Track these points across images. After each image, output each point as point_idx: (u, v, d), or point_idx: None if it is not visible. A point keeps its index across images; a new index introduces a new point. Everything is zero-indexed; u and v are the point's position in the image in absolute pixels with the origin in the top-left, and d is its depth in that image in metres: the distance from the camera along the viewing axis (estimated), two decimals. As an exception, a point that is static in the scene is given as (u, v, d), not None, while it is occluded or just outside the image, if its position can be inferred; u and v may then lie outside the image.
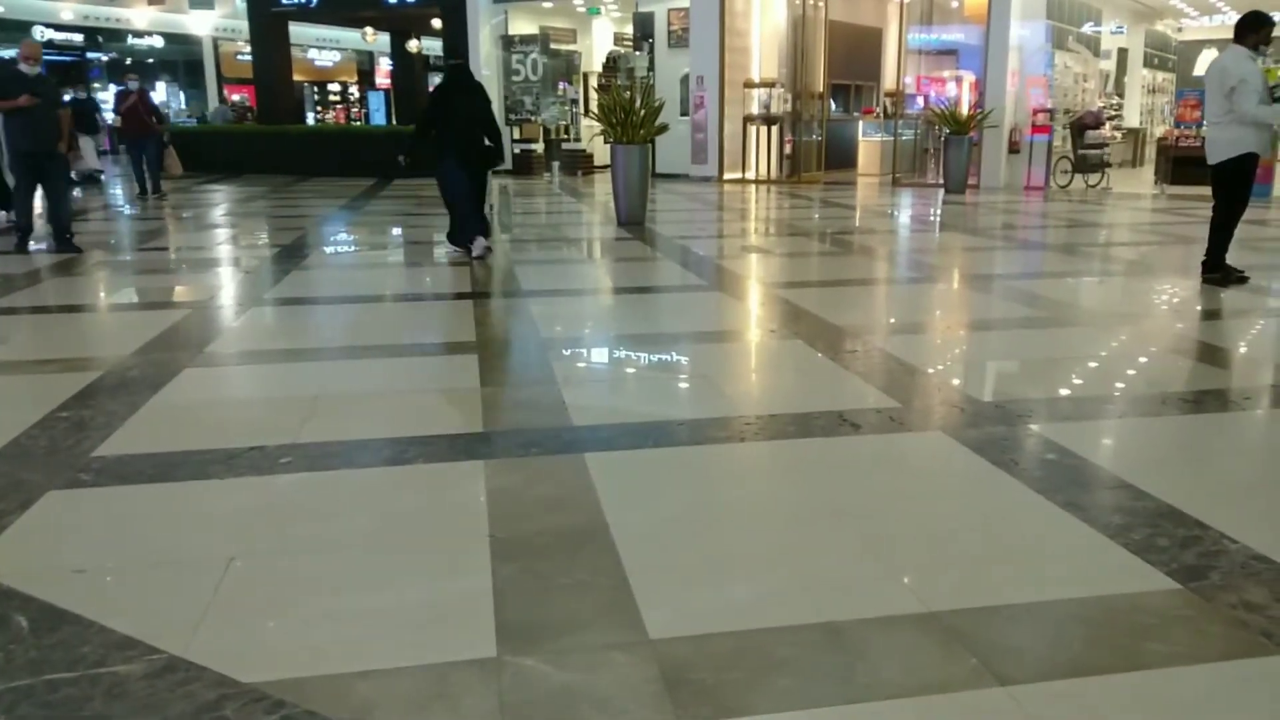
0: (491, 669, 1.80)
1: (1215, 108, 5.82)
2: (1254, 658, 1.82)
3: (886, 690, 1.73)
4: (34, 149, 7.34)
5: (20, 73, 7.40)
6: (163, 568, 2.24)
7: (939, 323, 5.26)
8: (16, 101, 7.18)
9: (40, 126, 7.33)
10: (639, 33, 16.97)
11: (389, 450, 2.99)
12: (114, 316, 5.71)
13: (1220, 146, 5.83)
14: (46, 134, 7.39)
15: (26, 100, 7.17)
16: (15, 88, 7.24)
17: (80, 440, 3.05)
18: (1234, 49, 5.78)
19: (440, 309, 5.65)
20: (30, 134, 7.32)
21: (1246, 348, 4.64)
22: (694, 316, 5.41)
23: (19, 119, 7.32)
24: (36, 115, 7.28)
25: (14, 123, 7.38)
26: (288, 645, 1.91)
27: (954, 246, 8.26)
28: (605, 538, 2.34)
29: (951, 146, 12.75)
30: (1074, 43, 15.52)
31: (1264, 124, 5.81)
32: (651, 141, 9.62)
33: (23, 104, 7.18)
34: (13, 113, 7.31)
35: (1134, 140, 17.65)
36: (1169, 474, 2.83)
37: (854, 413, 3.34)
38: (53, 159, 7.54)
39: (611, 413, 3.45)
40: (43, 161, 7.43)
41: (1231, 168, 5.81)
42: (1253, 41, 5.74)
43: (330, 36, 27.65)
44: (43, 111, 7.34)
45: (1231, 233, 6.04)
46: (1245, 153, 5.76)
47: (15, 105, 7.20)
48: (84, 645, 1.88)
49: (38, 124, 7.31)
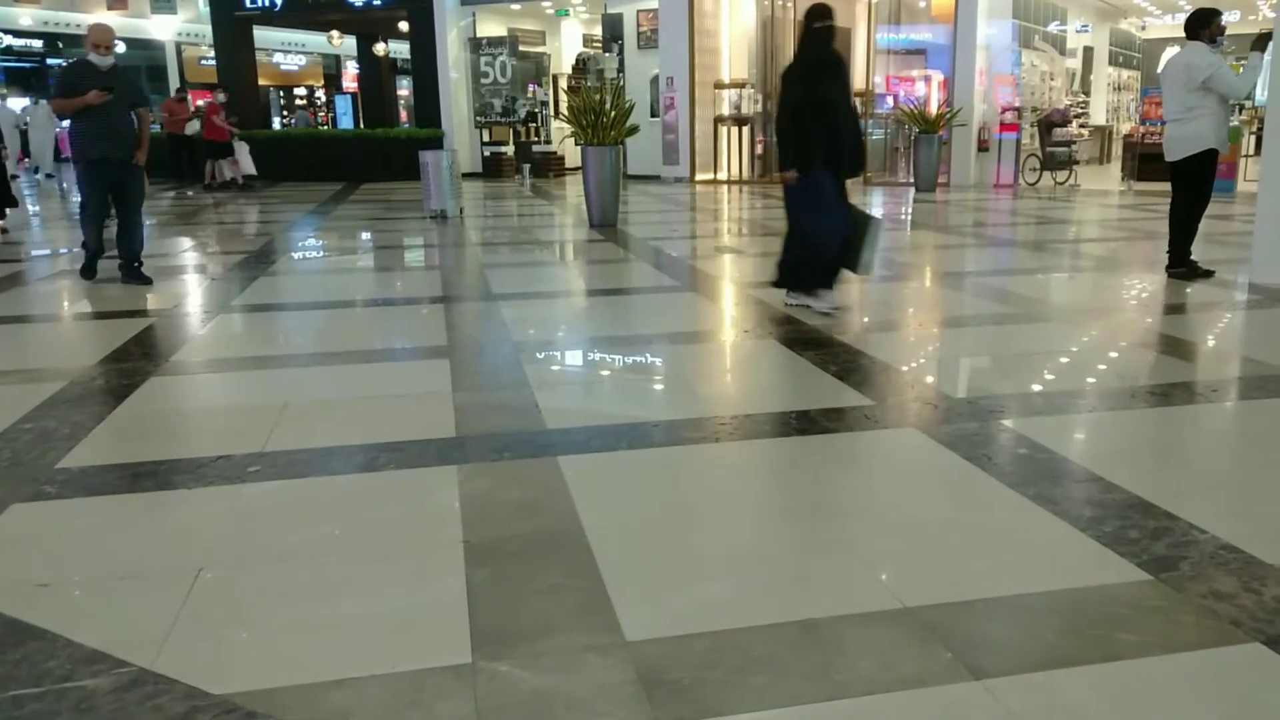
0: (466, 675, 1.78)
1: (1175, 104, 5.90)
2: (1224, 646, 1.85)
3: (863, 686, 1.73)
4: (106, 156, 5.97)
5: (91, 64, 5.96)
6: (130, 580, 2.19)
7: (912, 320, 5.29)
8: (84, 98, 5.79)
9: (114, 129, 5.97)
10: (608, 34, 16.98)
11: (360, 457, 2.95)
12: (77, 326, 5.61)
13: (1180, 144, 5.92)
14: (121, 138, 6.02)
15: (96, 96, 5.77)
16: (85, 83, 5.86)
17: (44, 452, 2.99)
18: (1192, 45, 5.88)
19: (411, 313, 5.60)
20: (102, 138, 5.93)
21: (1213, 341, 4.72)
22: (668, 318, 5.41)
23: (88, 120, 5.91)
24: (110, 116, 5.91)
25: (83, 125, 5.97)
26: (259, 655, 1.88)
27: (925, 244, 8.33)
28: (580, 540, 2.33)
29: (921, 145, 12.86)
30: (1040, 41, 15.73)
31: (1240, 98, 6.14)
32: (622, 143, 9.61)
33: (91, 100, 5.78)
34: (81, 113, 5.91)
35: (1101, 137, 17.93)
36: (1139, 466, 2.87)
37: (828, 411, 3.35)
38: (128, 170, 6.12)
39: (585, 415, 3.44)
40: (116, 172, 6.04)
41: (1193, 165, 5.91)
42: (1207, 35, 5.86)
43: (296, 40, 27.39)
44: (117, 111, 5.97)
45: (1196, 229, 6.14)
46: (1206, 149, 5.86)
47: (83, 102, 5.81)
48: (50, 660, 1.84)
49: (112, 126, 5.95)
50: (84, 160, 6.00)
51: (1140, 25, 22.20)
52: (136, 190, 6.27)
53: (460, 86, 16.94)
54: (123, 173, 6.07)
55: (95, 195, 6.16)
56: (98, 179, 6.05)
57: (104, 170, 6.00)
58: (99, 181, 6.07)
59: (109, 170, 6.01)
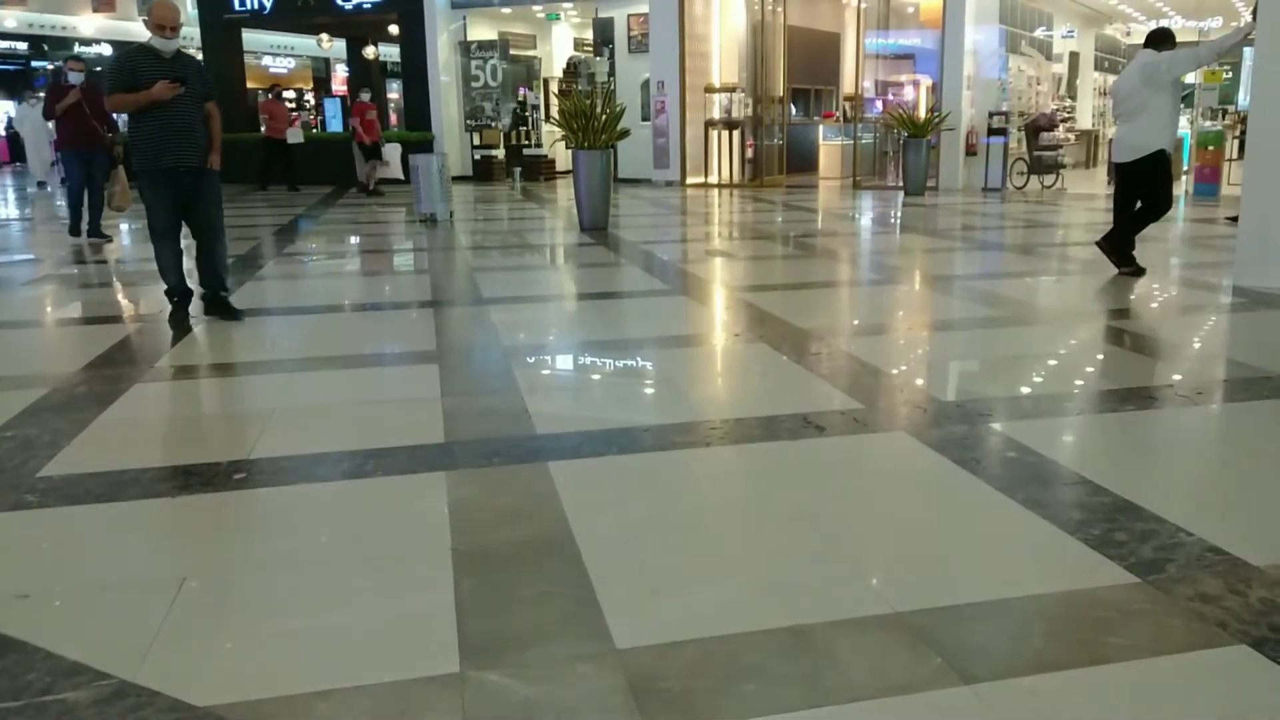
0: (454, 684, 1.77)
1: (1131, 104, 6.08)
2: (1211, 649, 1.85)
3: (853, 692, 1.73)
4: (178, 164, 4.82)
5: (152, 50, 4.84)
6: (112, 590, 2.17)
7: (901, 324, 5.31)
8: (149, 92, 4.70)
9: (186, 130, 4.83)
10: (599, 38, 16.98)
11: (347, 464, 2.93)
12: (60, 331, 5.57)
13: (1129, 148, 6.11)
14: (195, 140, 4.88)
15: (165, 89, 4.69)
16: (148, 73, 4.76)
17: (26, 460, 2.96)
18: (1145, 52, 6.16)
19: (400, 318, 5.58)
20: (173, 142, 4.79)
21: (1199, 344, 4.74)
22: (658, 322, 5.40)
23: (154, 120, 4.77)
24: (181, 113, 4.80)
25: (147, 126, 4.78)
26: (244, 667, 1.86)
27: (914, 248, 8.35)
28: (570, 547, 2.32)
29: (910, 149, 12.91)
30: (1027, 47, 15.81)
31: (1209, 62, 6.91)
32: (613, 147, 9.61)
33: (159, 95, 4.69)
34: (144, 110, 4.75)
35: (1087, 142, 18.03)
36: (1126, 469, 2.87)
37: (818, 415, 3.35)
38: (203, 178, 4.97)
39: (575, 420, 3.42)
40: (189, 182, 4.91)
41: (1147, 168, 6.04)
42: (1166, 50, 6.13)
43: (285, 43, 27.30)
44: (189, 106, 4.84)
45: (1141, 229, 6.30)
46: (1158, 150, 6.00)
47: (148, 97, 4.70)
48: (30, 673, 1.81)
49: (183, 126, 4.81)
50: (151, 169, 4.85)
51: (1125, 31, 22.37)
52: (214, 202, 5.08)
53: (451, 90, 16.91)
54: (197, 182, 4.94)
55: (164, 211, 4.95)
56: (166, 192, 4.88)
57: (175, 181, 4.86)
58: (168, 195, 4.90)
59: (181, 181, 4.88)
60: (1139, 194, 6.18)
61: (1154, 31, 6.27)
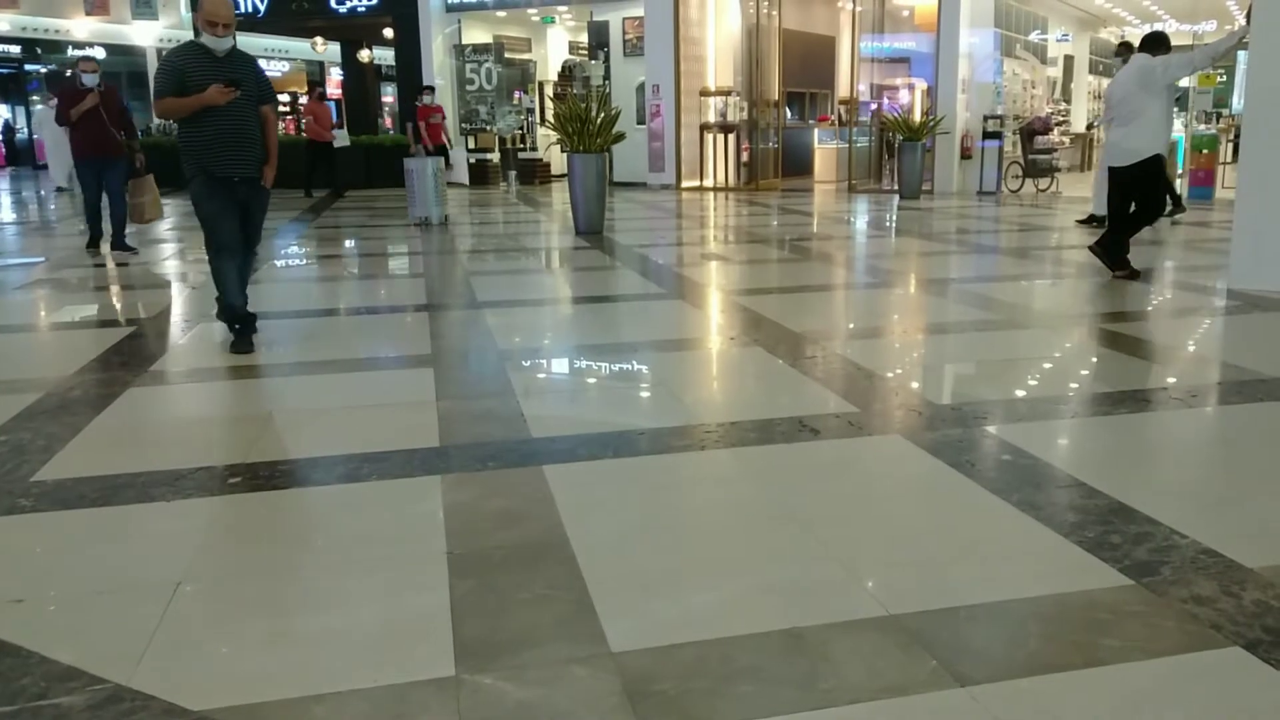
0: (450, 688, 1.77)
1: (1126, 109, 6.10)
2: (1205, 650, 1.86)
3: (849, 695, 1.73)
4: (232, 174, 4.38)
5: (204, 49, 4.31)
6: (107, 595, 2.16)
7: (896, 327, 5.32)
8: (203, 96, 4.20)
9: (242, 137, 4.38)
10: (594, 41, 17.00)
11: (342, 468, 2.93)
12: (54, 335, 5.55)
13: (1123, 152, 6.14)
14: (251, 149, 4.44)
15: (220, 94, 4.20)
16: (201, 75, 4.26)
17: (19, 465, 2.95)
18: (1139, 56, 6.21)
19: (396, 322, 5.58)
20: (228, 150, 4.33)
21: (1193, 347, 4.75)
22: (654, 325, 5.40)
23: (207, 126, 4.28)
24: (237, 119, 4.32)
25: (201, 133, 4.31)
26: (239, 670, 1.85)
27: (909, 251, 8.37)
28: (565, 550, 2.32)
29: (905, 153, 12.94)
30: (1022, 50, 15.86)
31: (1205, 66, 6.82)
32: (608, 150, 9.62)
33: (212, 99, 4.20)
34: (197, 115, 4.27)
35: (1081, 145, 18.08)
36: (1120, 472, 2.88)
37: (814, 418, 3.35)
38: (255, 191, 4.54)
39: (571, 424, 3.42)
40: (243, 194, 4.47)
41: (1137, 172, 6.08)
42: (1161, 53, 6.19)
43: (279, 46, 27.25)
44: (245, 111, 4.37)
45: (1136, 231, 6.33)
46: (1153, 154, 6.04)
47: (200, 102, 4.21)
48: (24, 677, 1.81)
49: (239, 133, 4.36)
50: (206, 178, 4.38)
51: (1120, 35, 22.46)
52: (260, 218, 4.66)
53: (445, 93, 16.91)
54: (249, 195, 4.50)
55: (226, 222, 4.45)
56: (226, 201, 4.42)
57: (229, 191, 4.43)
58: (225, 199, 4.41)
59: (234, 191, 4.44)
60: (1133, 198, 6.21)
61: (1148, 35, 6.32)
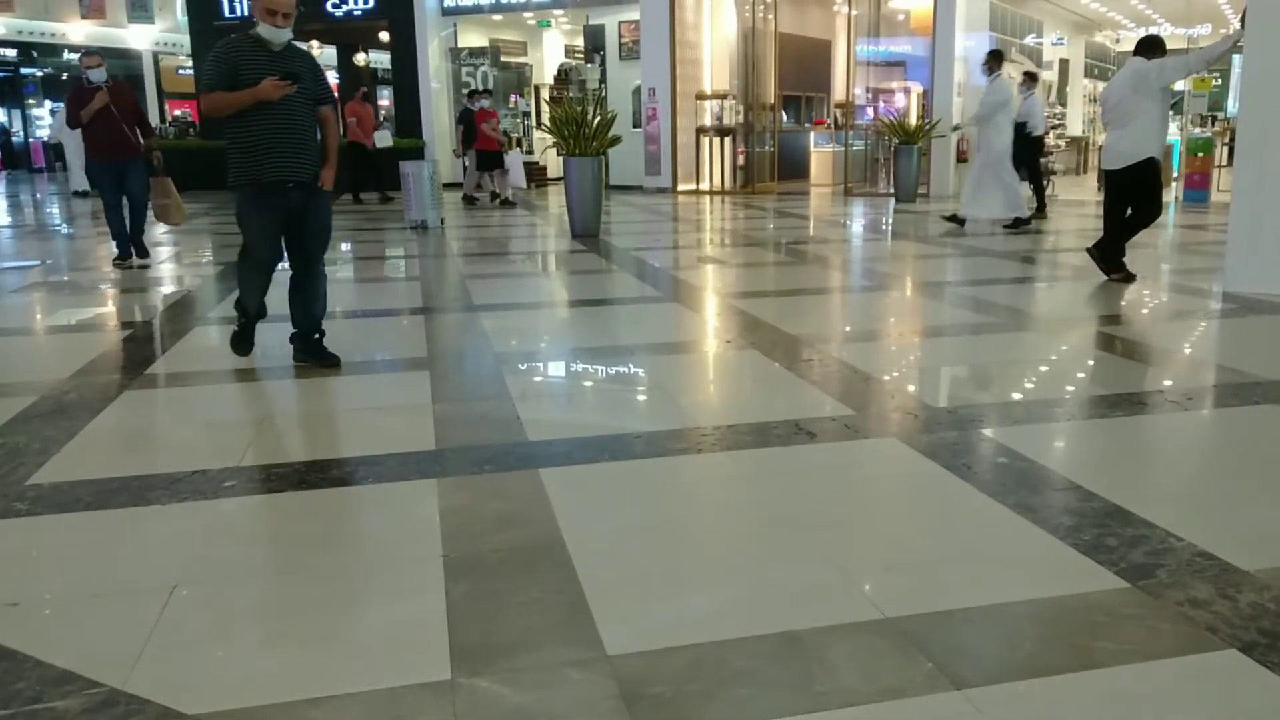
0: (446, 691, 1.76)
1: (1121, 112, 6.11)
2: (1201, 653, 1.86)
3: (845, 698, 1.73)
4: (284, 178, 3.96)
5: (259, 40, 3.93)
6: (102, 598, 2.16)
7: (892, 330, 5.32)
8: (255, 91, 3.81)
9: (296, 137, 3.97)
10: (590, 45, 17.03)
11: (337, 471, 2.93)
12: (49, 339, 5.54)
13: (1119, 155, 6.14)
14: (307, 150, 4.03)
15: (274, 88, 3.81)
16: (253, 68, 3.86)
17: (15, 468, 2.94)
18: (1135, 59, 6.22)
19: (391, 325, 5.57)
20: (278, 152, 3.93)
21: (1189, 349, 4.77)
22: (650, 328, 5.41)
23: (256, 124, 3.90)
24: (291, 117, 3.94)
25: (250, 132, 3.91)
26: (235, 674, 1.85)
27: (906, 255, 8.38)
28: (561, 554, 2.31)
29: (901, 156, 12.96)
30: (1017, 54, 15.90)
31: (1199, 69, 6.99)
32: (604, 153, 9.62)
33: (263, 94, 3.81)
34: (246, 112, 3.88)
35: (1077, 148, 18.14)
36: (1116, 474, 2.89)
37: (810, 421, 3.35)
38: (313, 197, 4.10)
39: (567, 427, 3.42)
40: (297, 200, 4.04)
41: (1134, 174, 6.09)
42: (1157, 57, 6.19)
43: (276, 50, 27.23)
44: (300, 109, 3.98)
45: (1133, 235, 6.34)
46: (1148, 157, 6.05)
47: (253, 96, 3.82)
48: (19, 681, 1.80)
49: (293, 132, 3.96)
50: (250, 184, 3.97)
51: (1115, 38, 22.55)
52: (321, 227, 4.21)
53: (441, 97, 16.92)
54: (305, 201, 4.06)
55: (268, 237, 4.10)
56: (271, 212, 4.03)
57: (280, 199, 4.00)
58: (273, 216, 4.04)
59: (287, 199, 4.01)
60: (1129, 201, 6.22)
61: (1144, 39, 6.33)
